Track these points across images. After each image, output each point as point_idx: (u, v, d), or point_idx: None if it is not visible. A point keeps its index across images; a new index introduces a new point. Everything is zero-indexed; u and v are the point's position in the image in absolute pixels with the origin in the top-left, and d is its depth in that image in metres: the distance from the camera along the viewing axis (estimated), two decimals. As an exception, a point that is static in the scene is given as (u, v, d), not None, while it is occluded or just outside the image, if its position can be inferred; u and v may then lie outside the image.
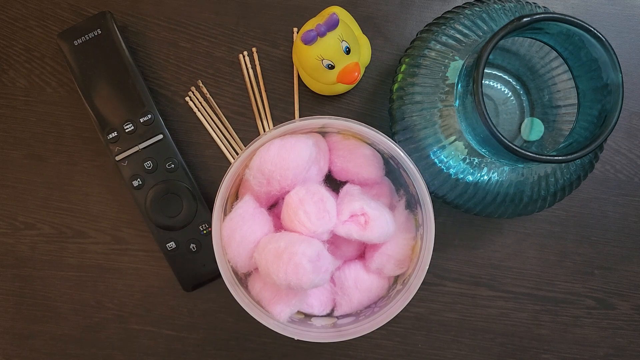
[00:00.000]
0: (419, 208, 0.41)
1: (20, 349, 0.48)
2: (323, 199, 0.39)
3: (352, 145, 0.43)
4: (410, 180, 0.41)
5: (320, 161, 0.42)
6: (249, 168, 0.40)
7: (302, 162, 0.39)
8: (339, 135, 0.43)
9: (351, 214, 0.39)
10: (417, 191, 0.40)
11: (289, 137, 0.40)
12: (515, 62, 0.44)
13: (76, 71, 0.45)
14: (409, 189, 0.42)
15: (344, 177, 0.44)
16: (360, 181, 0.43)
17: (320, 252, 0.37)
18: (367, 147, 0.43)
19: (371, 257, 0.42)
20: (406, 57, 0.41)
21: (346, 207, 0.39)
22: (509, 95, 0.45)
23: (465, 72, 0.36)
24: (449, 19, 0.40)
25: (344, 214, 0.39)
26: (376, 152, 0.43)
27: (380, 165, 0.43)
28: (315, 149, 0.40)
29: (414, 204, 0.42)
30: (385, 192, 0.44)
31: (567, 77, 0.40)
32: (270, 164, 0.39)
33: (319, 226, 0.38)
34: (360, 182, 0.43)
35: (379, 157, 0.43)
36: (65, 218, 0.48)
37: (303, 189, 0.39)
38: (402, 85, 0.40)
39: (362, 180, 0.43)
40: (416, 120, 0.39)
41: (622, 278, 0.49)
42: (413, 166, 0.39)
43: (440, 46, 0.39)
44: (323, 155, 0.42)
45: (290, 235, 0.38)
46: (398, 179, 0.44)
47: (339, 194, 0.42)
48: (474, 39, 0.39)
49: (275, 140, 0.39)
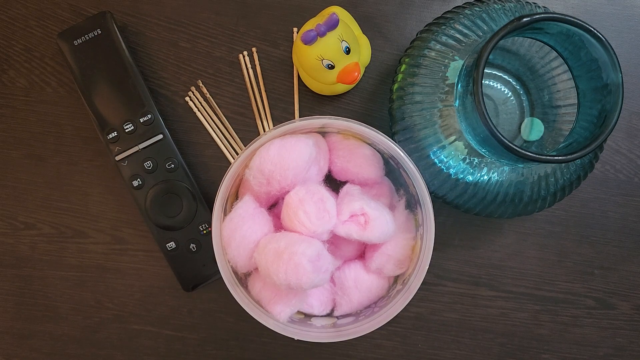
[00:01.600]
0: (419, 208, 0.41)
1: (20, 349, 0.48)
2: (323, 198, 0.39)
3: (352, 145, 0.43)
4: (410, 180, 0.40)
5: (320, 161, 0.42)
6: (249, 168, 0.40)
7: (302, 162, 0.39)
8: (339, 135, 0.43)
9: (351, 214, 0.39)
10: (417, 191, 0.40)
11: (289, 137, 0.40)
12: (515, 62, 0.44)
13: (76, 71, 0.45)
14: (409, 189, 0.42)
15: (344, 177, 0.44)
16: (360, 181, 0.43)
17: (320, 252, 0.37)
18: (367, 147, 0.43)
19: (371, 257, 0.42)
20: (406, 57, 0.41)
21: (346, 207, 0.39)
22: (508, 95, 0.45)
23: (465, 72, 0.36)
24: (448, 19, 0.40)
25: (343, 213, 0.39)
26: (376, 152, 0.43)
27: (380, 165, 0.43)
28: (315, 148, 0.40)
29: (414, 204, 0.42)
30: (385, 192, 0.44)
31: (567, 77, 0.40)
32: (270, 164, 0.39)
33: (319, 226, 0.38)
34: (360, 182, 0.43)
35: (379, 157, 0.43)
36: (65, 218, 0.48)
37: (303, 189, 0.39)
38: (402, 85, 0.40)
39: (362, 180, 0.43)
40: (416, 120, 0.40)
41: (622, 278, 0.49)
42: (413, 166, 0.39)
43: (440, 46, 0.39)
44: (323, 155, 0.42)
45: (290, 235, 0.38)
46: (398, 178, 0.44)
47: (339, 194, 0.42)
48: (474, 39, 0.39)
49: (275, 140, 0.39)
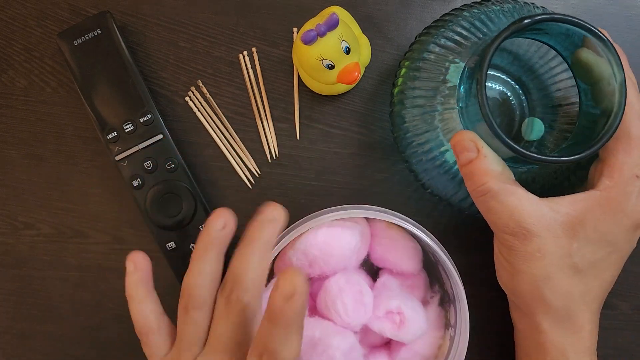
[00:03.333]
0: (452, 308, 0.41)
1: (19, 349, 0.48)
2: (362, 291, 0.39)
3: (394, 235, 0.43)
4: (448, 278, 0.41)
5: (362, 248, 0.42)
6: (293, 249, 0.40)
7: (347, 251, 0.40)
8: (382, 222, 0.43)
9: (387, 310, 0.39)
10: (454, 291, 0.41)
11: (337, 225, 0.40)
12: (514, 63, 0.44)
13: (76, 71, 0.45)
14: (444, 285, 0.43)
15: (382, 264, 0.44)
16: (397, 271, 0.43)
17: (353, 345, 0.38)
18: (410, 239, 0.43)
19: (397, 350, 0.42)
20: (406, 60, 0.41)
21: (383, 303, 0.40)
22: (508, 95, 0.45)
23: (468, 74, 0.36)
24: (447, 21, 0.40)
25: (380, 309, 0.40)
26: (417, 245, 0.43)
27: (419, 259, 0.44)
28: (359, 237, 0.41)
29: (448, 302, 0.42)
30: (420, 285, 0.44)
31: (567, 76, 0.40)
32: (316, 250, 0.40)
33: (354, 319, 0.39)
34: (397, 272, 0.43)
35: (419, 250, 0.44)
36: (65, 218, 0.48)
37: (343, 278, 0.40)
38: (403, 89, 0.40)
39: (399, 270, 0.43)
40: (417, 124, 0.40)
41: (621, 278, 0.49)
42: (452, 267, 0.40)
43: (439, 49, 0.39)
44: (365, 243, 0.43)
45: (325, 324, 0.39)
46: (434, 273, 0.44)
47: (376, 284, 0.42)
48: (474, 41, 0.39)
49: (323, 226, 0.40)
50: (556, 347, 0.37)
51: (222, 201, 0.48)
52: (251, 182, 0.48)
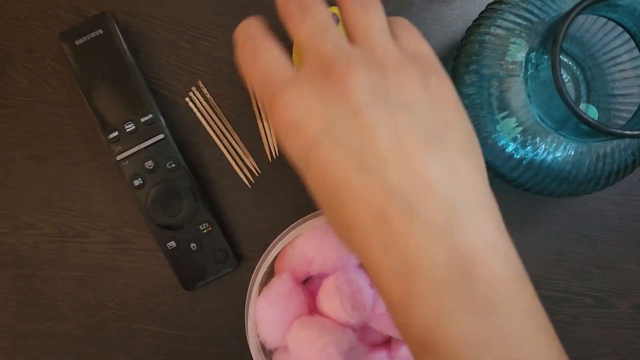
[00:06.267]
0: None
1: (21, 348, 0.49)
2: (361, 289, 0.40)
3: None
4: None
5: None
6: (293, 248, 0.41)
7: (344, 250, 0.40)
8: None
9: None
10: None
11: None
12: (577, 47, 0.44)
13: (77, 71, 0.45)
14: None
15: None
16: None
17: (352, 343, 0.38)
18: None
19: (397, 348, 0.42)
20: (469, 35, 0.41)
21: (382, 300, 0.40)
22: (567, 79, 0.45)
23: (540, 45, 0.36)
24: (507, 3, 0.40)
25: (379, 307, 0.40)
26: None
27: None
28: None
29: None
30: None
31: (631, 67, 0.40)
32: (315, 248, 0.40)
33: (354, 317, 0.39)
34: None
35: None
36: (67, 218, 0.48)
37: (342, 277, 0.40)
38: (466, 62, 0.40)
39: None
40: (474, 97, 0.39)
41: (620, 277, 0.50)
42: None
43: (507, 23, 0.39)
44: None
45: (324, 322, 0.39)
46: None
47: None
48: (542, 18, 0.39)
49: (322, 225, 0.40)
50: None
51: (223, 201, 0.48)
52: (251, 182, 0.48)
